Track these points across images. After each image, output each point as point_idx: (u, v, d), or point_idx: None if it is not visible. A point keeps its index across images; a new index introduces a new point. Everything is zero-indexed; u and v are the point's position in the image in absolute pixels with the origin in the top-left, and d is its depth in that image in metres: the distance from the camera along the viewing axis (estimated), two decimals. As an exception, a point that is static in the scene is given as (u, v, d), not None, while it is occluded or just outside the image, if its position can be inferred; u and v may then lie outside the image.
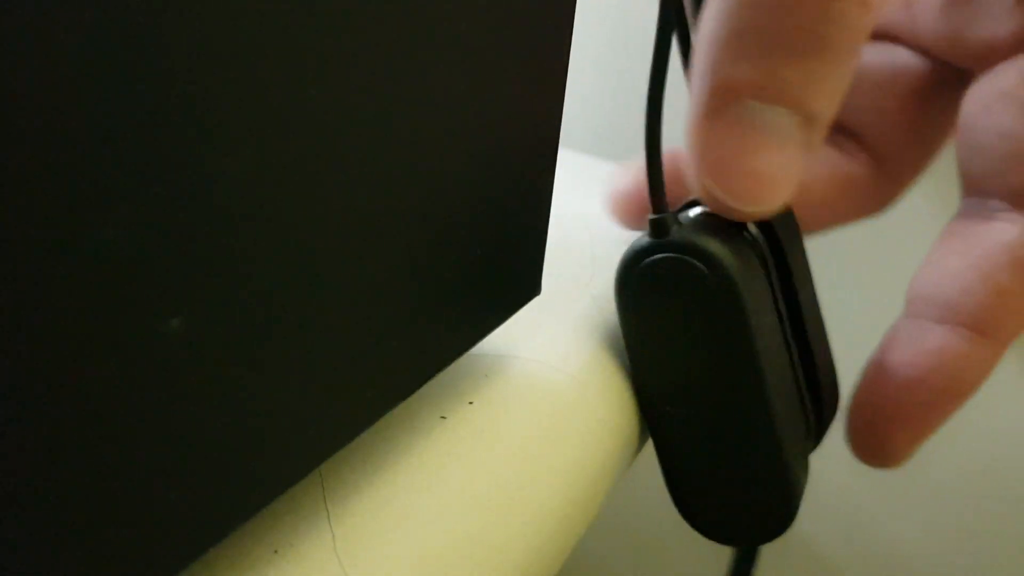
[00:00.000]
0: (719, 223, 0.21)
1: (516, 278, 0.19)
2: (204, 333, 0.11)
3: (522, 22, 0.16)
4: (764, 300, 0.21)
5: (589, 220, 0.30)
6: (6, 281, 0.08)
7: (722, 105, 0.18)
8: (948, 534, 0.50)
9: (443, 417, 0.19)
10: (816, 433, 0.24)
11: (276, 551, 0.15)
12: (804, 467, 0.23)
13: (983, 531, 0.49)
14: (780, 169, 0.18)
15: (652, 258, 0.20)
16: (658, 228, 0.20)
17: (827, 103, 0.18)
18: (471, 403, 0.19)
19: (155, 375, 0.10)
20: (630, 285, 0.21)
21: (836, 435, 0.25)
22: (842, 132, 0.27)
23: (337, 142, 0.12)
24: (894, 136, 0.26)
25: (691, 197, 0.22)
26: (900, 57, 0.26)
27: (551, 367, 0.21)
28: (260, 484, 0.13)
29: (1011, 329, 0.22)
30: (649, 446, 0.24)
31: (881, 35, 0.27)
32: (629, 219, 0.27)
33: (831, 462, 0.25)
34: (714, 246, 0.20)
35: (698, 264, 0.20)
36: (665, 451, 0.23)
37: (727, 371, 0.21)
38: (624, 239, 0.23)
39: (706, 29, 0.18)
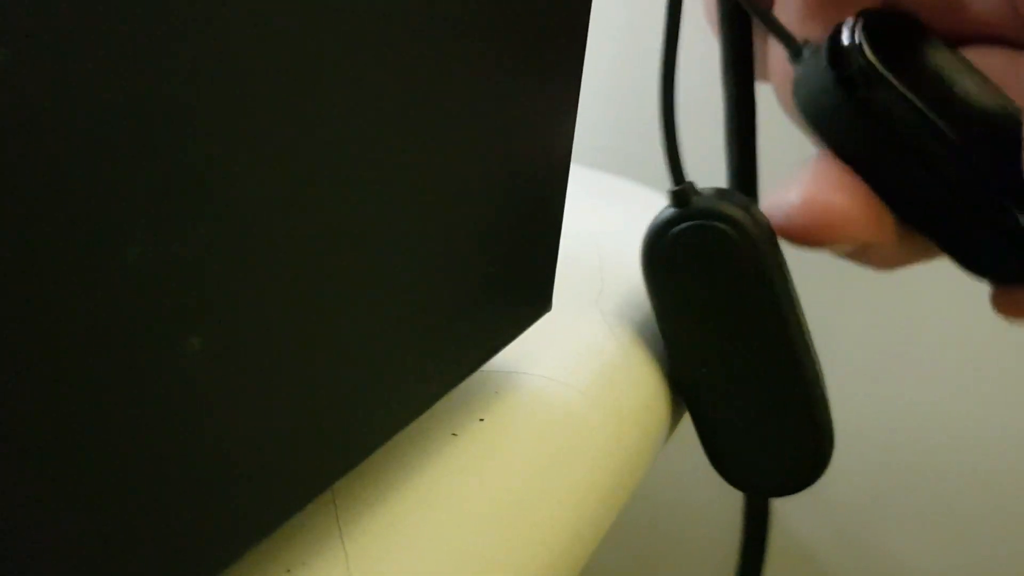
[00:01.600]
0: (738, 195, 0.22)
1: (527, 295, 0.19)
2: (222, 352, 0.11)
3: (535, 41, 0.16)
4: (782, 266, 0.22)
5: (597, 235, 0.30)
6: (31, 301, 0.08)
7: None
8: (953, 548, 0.50)
9: (454, 434, 0.19)
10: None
11: (289, 570, 0.15)
12: (830, 423, 0.23)
13: (988, 544, 0.49)
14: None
15: (678, 227, 0.21)
16: (680, 198, 0.21)
17: None
18: (482, 420, 0.19)
19: (174, 394, 0.10)
20: (657, 256, 0.22)
21: (840, 453, 0.25)
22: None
23: (354, 164, 0.13)
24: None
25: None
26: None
27: (561, 383, 0.21)
28: (274, 504, 0.13)
29: None
30: (657, 462, 0.24)
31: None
32: (816, 231, 0.23)
33: (836, 476, 0.25)
34: (735, 211, 0.21)
35: (723, 227, 0.21)
36: (701, 413, 0.24)
37: (756, 324, 0.22)
38: (634, 256, 0.23)
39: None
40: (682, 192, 0.21)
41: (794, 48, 0.22)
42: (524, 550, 0.17)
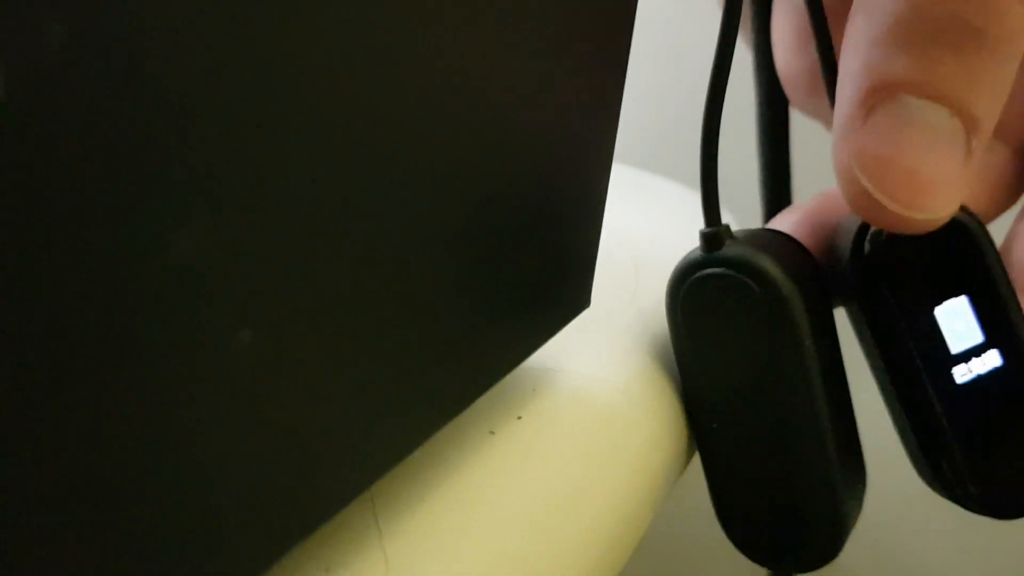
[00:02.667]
0: (779, 241, 0.21)
1: (566, 291, 0.19)
2: (271, 347, 0.11)
3: (581, 32, 0.16)
4: (821, 323, 0.20)
5: (633, 233, 0.29)
6: (83, 294, 0.08)
7: (878, 103, 0.17)
8: (975, 554, 0.49)
9: (492, 432, 0.18)
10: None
11: (328, 569, 0.15)
12: (856, 499, 0.22)
13: (1008, 550, 0.48)
14: (941, 173, 0.17)
15: (701, 272, 0.20)
16: (711, 242, 0.20)
17: (988, 106, 0.17)
18: (519, 418, 0.19)
19: (221, 389, 0.10)
20: (680, 299, 0.20)
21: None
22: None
23: (396, 158, 0.12)
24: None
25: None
26: None
27: (599, 381, 0.21)
28: (314, 504, 0.13)
29: None
30: (692, 462, 0.23)
31: None
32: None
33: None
34: (767, 263, 0.19)
35: (749, 281, 0.19)
36: (712, 467, 0.22)
37: (778, 391, 0.20)
38: (669, 253, 0.22)
39: (858, 26, 0.18)
40: (714, 235, 0.20)
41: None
42: (563, 551, 0.17)
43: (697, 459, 0.23)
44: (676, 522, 0.50)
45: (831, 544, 0.21)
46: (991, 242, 0.20)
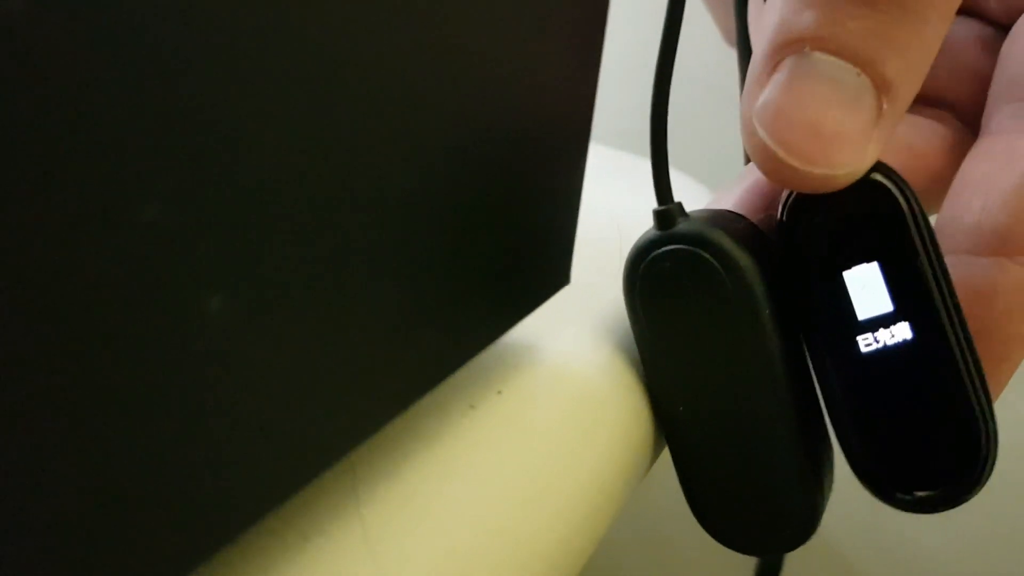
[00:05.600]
0: (731, 218, 0.20)
1: (546, 267, 0.19)
2: (243, 313, 0.11)
3: (557, 4, 0.16)
4: (777, 296, 0.20)
5: (617, 212, 0.30)
6: (48, 260, 0.08)
7: (784, 56, 0.17)
8: (971, 539, 0.50)
9: (472, 406, 0.19)
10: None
11: (307, 538, 0.15)
12: (827, 475, 0.22)
13: (1005, 536, 0.49)
14: (844, 128, 0.17)
15: (658, 251, 0.19)
16: (663, 220, 0.20)
17: (904, 67, 0.17)
18: (500, 392, 0.19)
19: (195, 354, 0.10)
20: (637, 280, 0.20)
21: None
22: (939, 105, 0.25)
23: (372, 126, 0.12)
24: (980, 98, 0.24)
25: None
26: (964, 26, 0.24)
27: (580, 357, 0.21)
28: (292, 470, 0.13)
29: None
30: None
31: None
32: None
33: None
34: (722, 237, 0.19)
35: (704, 255, 0.19)
36: (679, 454, 0.22)
37: (740, 369, 0.20)
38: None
39: None
40: (666, 213, 0.19)
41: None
42: (540, 523, 0.17)
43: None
44: (666, 499, 0.51)
45: (805, 525, 0.21)
46: (916, 208, 0.18)
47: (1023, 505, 0.47)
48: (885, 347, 0.19)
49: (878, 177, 0.18)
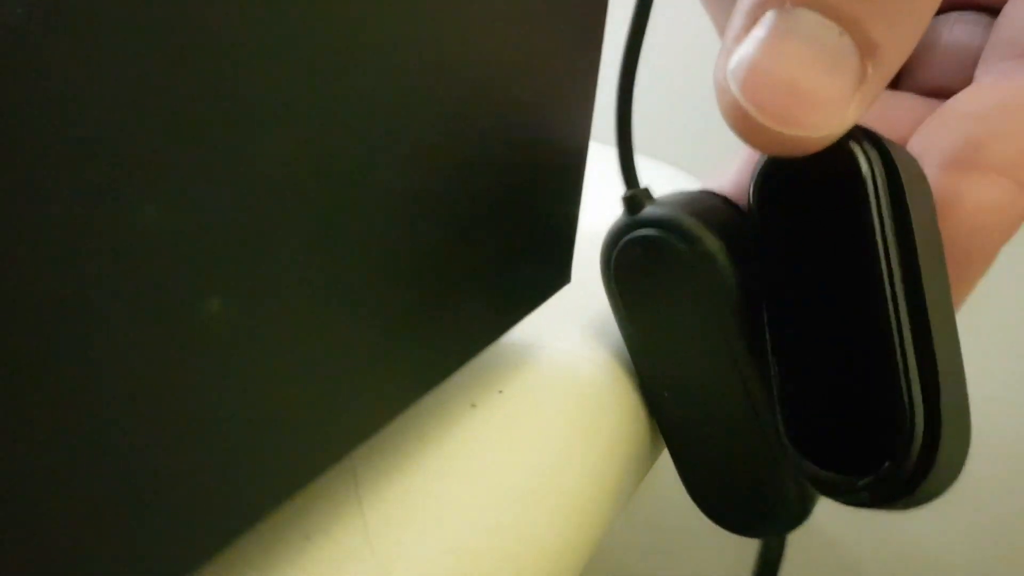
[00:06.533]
0: (701, 199, 0.20)
1: (547, 266, 0.19)
2: (242, 314, 0.11)
3: (557, 7, 0.16)
4: (754, 279, 0.19)
5: (617, 211, 0.30)
6: (50, 261, 0.08)
7: (765, 11, 0.16)
8: (970, 533, 0.50)
9: (473, 405, 0.19)
10: None
11: (309, 537, 0.15)
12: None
13: (1004, 530, 0.49)
14: (822, 88, 0.16)
15: (628, 237, 0.19)
16: (631, 205, 0.19)
17: (892, 33, 0.16)
18: (501, 392, 0.19)
19: (193, 355, 0.11)
20: (611, 266, 0.20)
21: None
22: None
23: (373, 127, 0.12)
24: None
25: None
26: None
27: (581, 356, 0.21)
28: (293, 469, 0.13)
29: None
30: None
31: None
32: None
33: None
34: (687, 219, 0.18)
35: (671, 238, 0.19)
36: (670, 438, 0.22)
37: (712, 352, 0.19)
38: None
39: None
40: (633, 198, 0.19)
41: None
42: (542, 521, 0.17)
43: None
44: (666, 496, 0.51)
45: (797, 506, 0.21)
46: (879, 180, 0.17)
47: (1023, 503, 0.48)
48: (826, 327, 0.17)
49: (852, 145, 0.17)
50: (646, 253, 0.19)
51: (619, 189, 0.28)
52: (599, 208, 0.30)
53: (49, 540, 0.09)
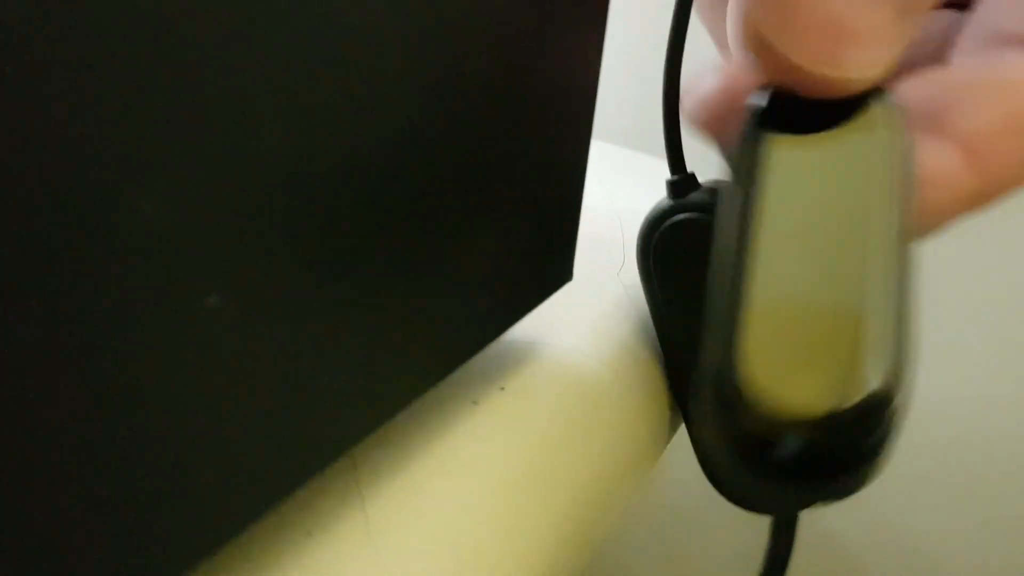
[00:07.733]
0: None
1: (548, 264, 0.19)
2: (241, 311, 0.11)
3: (561, 4, 0.16)
4: None
5: (620, 210, 0.30)
6: (48, 259, 0.08)
7: None
8: (973, 529, 0.50)
9: (475, 403, 0.19)
10: None
11: (310, 534, 0.15)
12: None
13: (1006, 526, 0.49)
14: (864, 23, 0.14)
15: (672, 219, 0.20)
16: (677, 189, 0.20)
17: None
18: (502, 389, 0.19)
19: (193, 352, 0.10)
20: (651, 249, 0.20)
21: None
22: None
23: (373, 122, 0.12)
24: None
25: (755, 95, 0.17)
26: None
27: (582, 354, 0.21)
28: (295, 466, 0.13)
29: None
30: (679, 435, 0.24)
31: None
32: (716, 127, 0.19)
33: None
34: None
35: None
36: (691, 425, 0.22)
37: None
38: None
39: None
40: (680, 182, 0.20)
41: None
42: (543, 518, 0.17)
43: (682, 433, 0.23)
44: (670, 494, 0.51)
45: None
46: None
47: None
48: None
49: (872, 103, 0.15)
50: (691, 236, 0.19)
51: (620, 189, 0.28)
52: (600, 205, 0.30)
53: (52, 534, 0.09)
